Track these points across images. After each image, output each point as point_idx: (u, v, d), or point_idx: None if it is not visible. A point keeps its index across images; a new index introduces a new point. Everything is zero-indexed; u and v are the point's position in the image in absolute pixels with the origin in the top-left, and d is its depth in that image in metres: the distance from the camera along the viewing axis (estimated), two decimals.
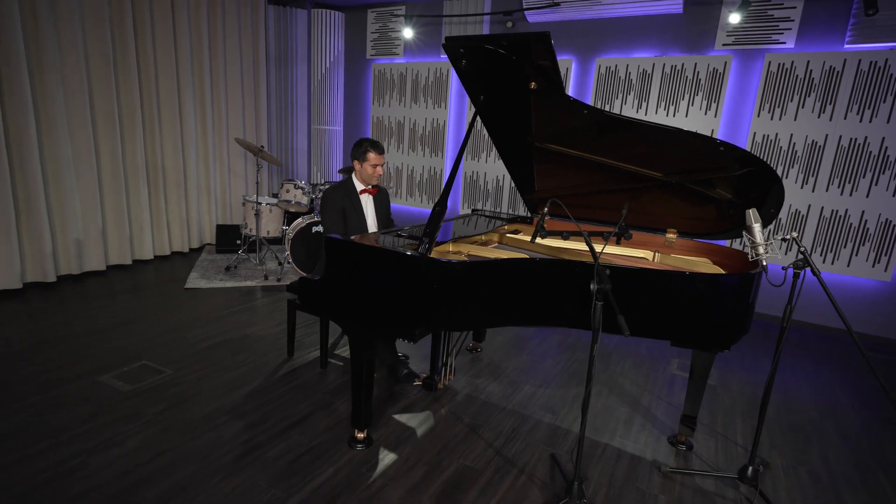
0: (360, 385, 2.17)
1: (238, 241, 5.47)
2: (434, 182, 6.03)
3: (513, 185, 5.51)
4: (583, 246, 2.75)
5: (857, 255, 4.07)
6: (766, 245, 1.94)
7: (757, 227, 1.96)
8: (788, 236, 1.89)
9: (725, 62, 4.29)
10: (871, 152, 3.91)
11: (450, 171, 2.05)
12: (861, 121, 3.91)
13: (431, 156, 6.00)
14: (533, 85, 1.99)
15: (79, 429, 2.26)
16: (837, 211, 4.09)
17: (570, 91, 5.04)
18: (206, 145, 5.44)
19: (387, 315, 1.97)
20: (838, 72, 3.92)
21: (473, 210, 3.34)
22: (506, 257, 2.17)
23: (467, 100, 5.64)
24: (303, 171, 6.69)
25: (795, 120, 4.12)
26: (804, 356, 3.71)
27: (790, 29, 4.03)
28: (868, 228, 4.01)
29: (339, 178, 6.74)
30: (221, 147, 5.64)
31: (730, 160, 2.20)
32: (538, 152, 2.75)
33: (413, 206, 6.26)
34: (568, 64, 4.98)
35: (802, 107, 4.08)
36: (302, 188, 4.80)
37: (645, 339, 3.75)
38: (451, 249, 2.43)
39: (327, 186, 2.85)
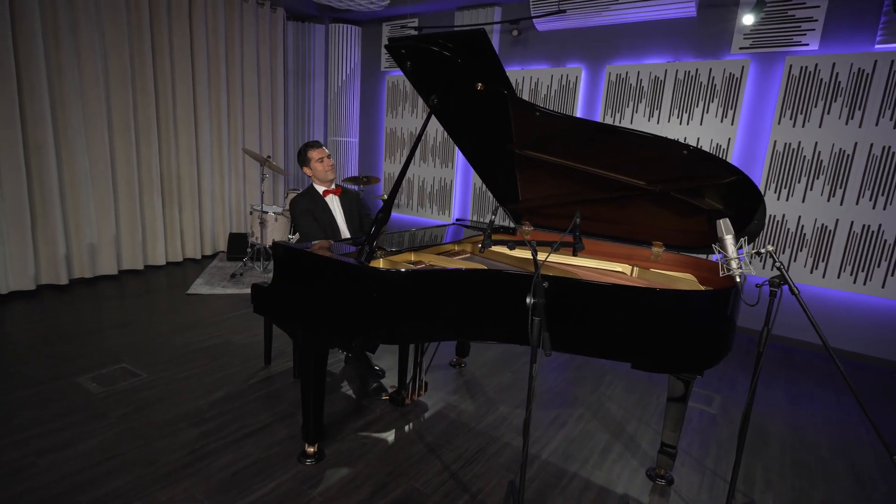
0: (308, 394, 2.10)
1: (248, 249, 5.59)
2: (444, 193, 5.97)
3: None
4: (560, 258, 2.59)
5: (892, 275, 3.67)
6: (737, 259, 1.74)
7: (729, 238, 1.76)
8: (763, 250, 1.69)
9: (743, 67, 4.02)
10: None
11: (397, 177, 1.97)
12: (895, 127, 3.55)
13: (442, 167, 5.94)
14: (479, 86, 1.89)
15: (39, 429, 2.29)
16: (869, 226, 3.71)
17: (580, 100, 4.87)
18: (222, 156, 5.61)
19: (326, 323, 1.90)
20: (868, 74, 3.59)
21: (457, 220, 3.23)
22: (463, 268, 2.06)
23: None
24: None
25: (820, 127, 3.79)
26: (824, 383, 3.34)
27: (813, 30, 3.73)
28: None
29: (355, 187, 6.79)
30: (237, 158, 5.80)
31: (702, 166, 2.02)
32: (521, 160, 2.63)
33: (424, 216, 6.21)
34: (578, 72, 4.82)
35: (828, 113, 3.75)
36: None
37: None
38: (412, 259, 2.33)
39: (295, 195, 2.86)
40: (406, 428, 2.51)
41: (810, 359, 3.76)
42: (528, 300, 1.56)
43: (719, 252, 1.80)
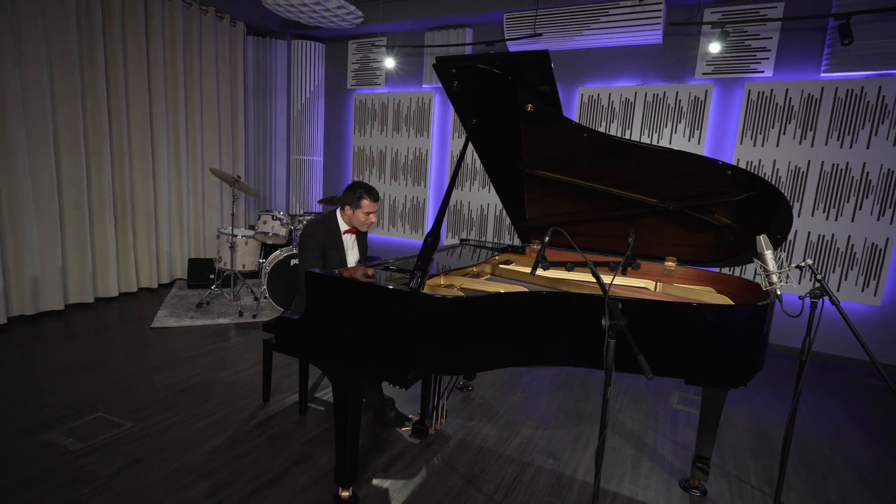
0: (345, 434, 1.94)
1: (211, 276, 5.19)
2: (417, 212, 5.90)
3: (497, 213, 5.42)
4: (582, 276, 2.61)
5: (846, 279, 4.05)
6: (780, 273, 1.83)
7: (769, 253, 1.85)
8: (803, 263, 1.78)
9: (706, 91, 4.33)
10: (853, 177, 3.94)
11: (442, 200, 1.90)
12: (842, 147, 3.95)
13: (414, 185, 5.88)
14: (529, 107, 1.88)
15: (18, 498, 1.95)
16: (824, 235, 4.08)
17: None
18: (180, 176, 5.21)
19: (376, 357, 1.77)
20: (817, 99, 3.98)
21: (462, 240, 3.18)
22: (502, 290, 2.01)
23: (449, 128, 5.59)
24: (281, 202, 6.49)
25: (778, 146, 4.14)
26: (809, 386, 3.59)
27: (768, 58, 4.10)
28: (855, 252, 4.00)
29: (318, 208, 6.55)
30: (196, 178, 5.41)
31: (735, 184, 2.11)
32: (529, 179, 2.64)
33: (396, 236, 6.10)
34: None
35: (784, 133, 4.12)
36: (280, 219, 4.60)
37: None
38: (442, 283, 2.25)
39: (309, 219, 2.66)
40: (435, 460, 2.39)
41: (782, 361, 4.03)
42: (604, 322, 1.54)
43: (759, 266, 1.88)
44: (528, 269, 2.65)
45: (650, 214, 2.55)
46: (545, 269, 1.77)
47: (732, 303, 2.22)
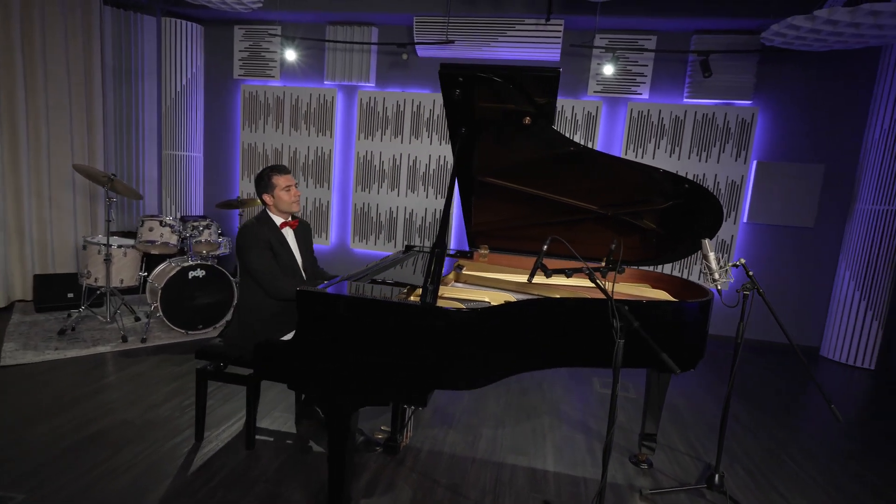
0: (343, 468, 1.79)
1: (70, 295, 4.28)
2: (320, 214, 5.58)
3: (407, 216, 5.40)
4: (548, 281, 2.76)
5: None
6: (720, 271, 2.17)
7: (712, 255, 2.19)
8: (738, 263, 2.15)
9: (597, 107, 4.87)
10: (707, 185, 4.79)
11: (444, 207, 1.86)
12: (700, 160, 4.78)
13: (316, 186, 5.56)
14: (527, 120, 1.94)
15: None
16: None
17: None
18: (18, 173, 4.18)
19: (394, 380, 1.66)
20: (681, 120, 4.76)
21: (407, 247, 3.12)
22: (488, 298, 2.04)
23: (355, 129, 5.40)
24: (152, 204, 5.59)
25: (654, 158, 4.85)
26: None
27: (645, 83, 4.77)
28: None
29: (200, 212, 5.80)
30: (40, 175, 4.39)
31: (664, 187, 2.42)
32: (479, 186, 2.71)
33: None
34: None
35: (658, 147, 4.84)
36: (171, 225, 3.97)
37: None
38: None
39: (244, 222, 2.40)
40: (413, 476, 2.32)
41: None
42: (615, 323, 1.67)
43: (704, 265, 2.21)
44: (486, 274, 2.72)
45: (589, 220, 2.81)
46: (548, 276, 1.85)
47: (671, 297, 2.56)
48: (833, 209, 4.62)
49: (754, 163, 4.70)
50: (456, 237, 5.35)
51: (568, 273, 1.85)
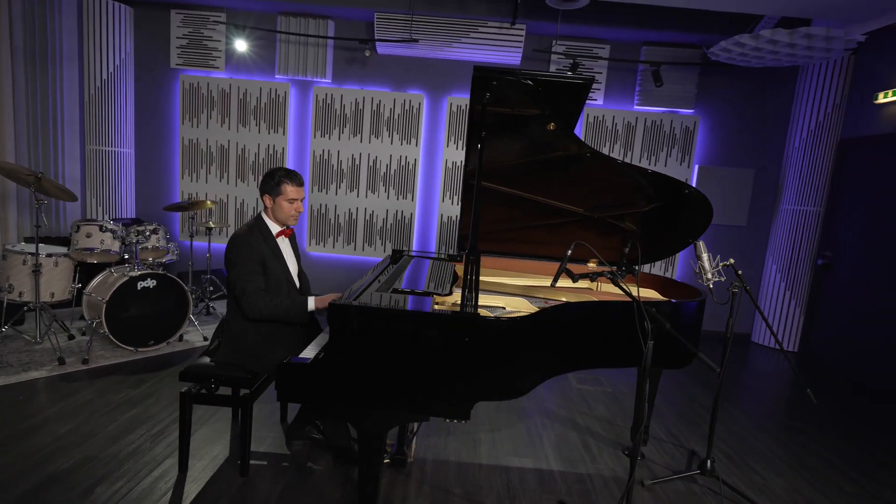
0: (377, 490, 1.69)
1: None
2: None
3: (367, 217, 5.25)
4: (531, 282, 2.79)
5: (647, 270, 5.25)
6: (713, 271, 2.32)
7: (705, 256, 2.33)
8: (728, 263, 2.31)
9: None
10: None
11: (474, 214, 1.81)
12: (650, 164, 5.10)
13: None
14: (551, 126, 1.94)
15: None
16: None
17: (423, 126, 5.11)
18: None
19: (436, 394, 1.60)
20: (633, 126, 5.04)
21: (395, 251, 3.03)
22: (504, 304, 2.03)
23: (310, 127, 5.14)
24: (74, 207, 4.95)
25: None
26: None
27: (600, 89, 5.00)
28: None
29: (132, 214, 5.24)
30: None
31: (647, 197, 2.55)
32: (466, 189, 2.70)
33: None
34: (420, 99, 5.05)
35: (612, 151, 5.09)
36: (112, 231, 3.55)
37: None
38: (439, 301, 2.13)
39: (235, 231, 2.21)
40: (425, 488, 2.26)
41: None
42: (647, 325, 1.72)
43: (698, 265, 2.35)
44: (485, 279, 2.71)
45: (576, 223, 2.90)
46: (575, 280, 1.87)
47: (660, 296, 2.70)
48: (762, 209, 5.14)
49: (696, 167, 5.10)
50: (418, 240, 5.29)
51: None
